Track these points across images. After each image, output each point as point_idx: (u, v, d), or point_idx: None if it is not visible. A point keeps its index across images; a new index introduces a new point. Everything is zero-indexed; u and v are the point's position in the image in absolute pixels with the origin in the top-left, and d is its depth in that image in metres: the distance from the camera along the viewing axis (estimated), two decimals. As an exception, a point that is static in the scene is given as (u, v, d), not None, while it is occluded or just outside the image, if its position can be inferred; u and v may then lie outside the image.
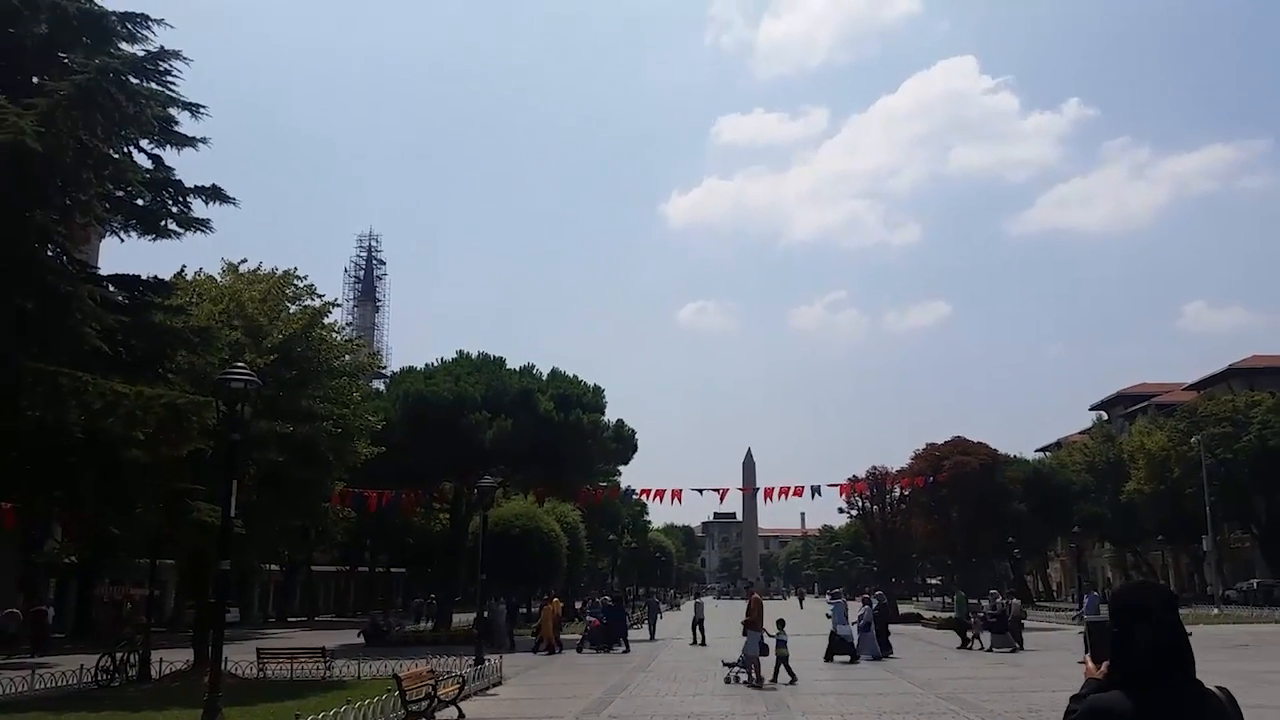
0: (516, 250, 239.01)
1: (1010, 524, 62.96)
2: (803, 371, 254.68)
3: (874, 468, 56.88)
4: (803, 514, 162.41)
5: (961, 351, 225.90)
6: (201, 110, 19.12)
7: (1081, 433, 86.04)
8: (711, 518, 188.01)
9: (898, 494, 54.66)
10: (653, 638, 34.82)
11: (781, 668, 19.02)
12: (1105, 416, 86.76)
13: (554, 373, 39.58)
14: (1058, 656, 24.44)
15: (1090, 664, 2.83)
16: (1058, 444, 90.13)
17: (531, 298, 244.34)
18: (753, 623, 19.29)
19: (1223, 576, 59.93)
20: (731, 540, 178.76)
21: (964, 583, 59.25)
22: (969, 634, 29.01)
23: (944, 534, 64.81)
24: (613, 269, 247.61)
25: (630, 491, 52.40)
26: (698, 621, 32.68)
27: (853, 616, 25.73)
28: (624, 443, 41.34)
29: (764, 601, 22.65)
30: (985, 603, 31.14)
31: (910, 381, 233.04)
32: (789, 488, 40.66)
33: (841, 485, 51.21)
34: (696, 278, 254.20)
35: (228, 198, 19.69)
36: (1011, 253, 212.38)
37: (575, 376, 39.62)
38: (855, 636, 24.81)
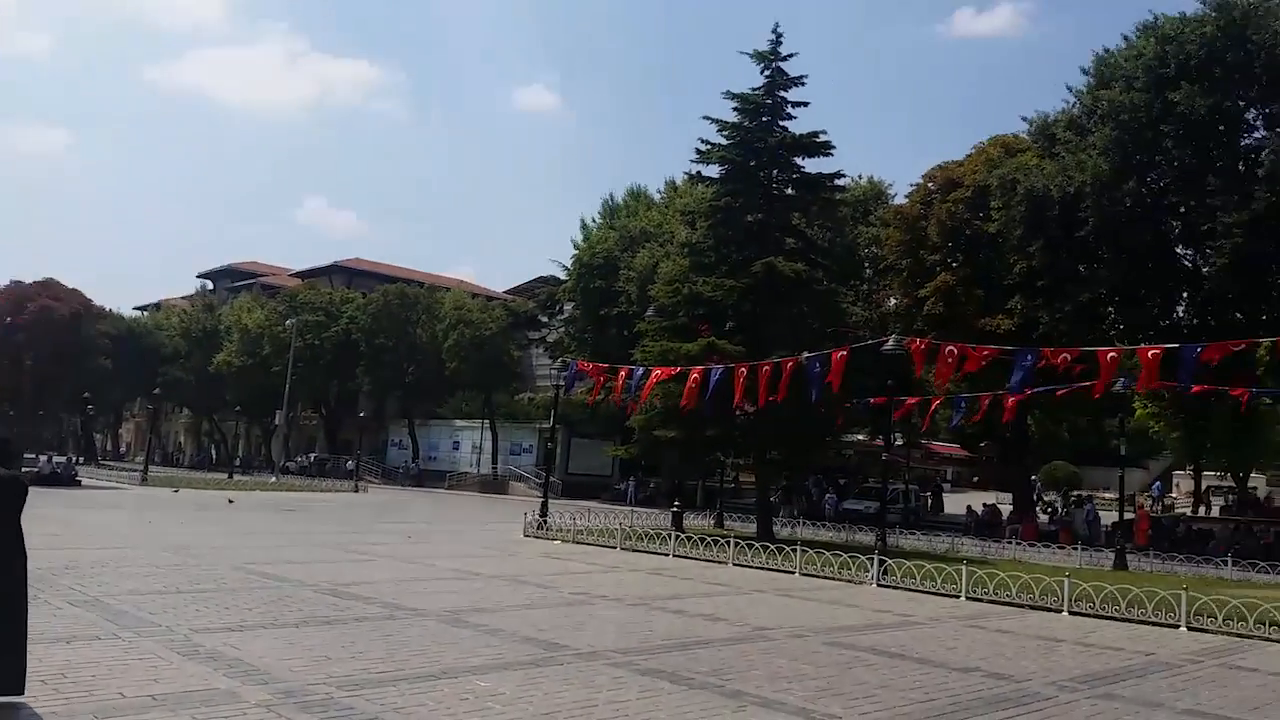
0: None
1: (92, 379, 60.19)
2: None
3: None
4: None
5: (79, 186, 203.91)
6: None
7: (185, 298, 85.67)
8: None
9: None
10: None
11: None
12: (211, 286, 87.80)
13: None
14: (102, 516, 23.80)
15: None
16: (158, 305, 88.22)
17: None
18: None
19: (288, 449, 66.19)
20: None
21: (29, 436, 54.66)
22: None
23: (13, 382, 58.89)
24: None
25: None
26: None
27: None
28: None
29: None
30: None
31: (25, 210, 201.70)
32: None
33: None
34: None
35: None
36: (156, 102, 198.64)
37: None
38: None
